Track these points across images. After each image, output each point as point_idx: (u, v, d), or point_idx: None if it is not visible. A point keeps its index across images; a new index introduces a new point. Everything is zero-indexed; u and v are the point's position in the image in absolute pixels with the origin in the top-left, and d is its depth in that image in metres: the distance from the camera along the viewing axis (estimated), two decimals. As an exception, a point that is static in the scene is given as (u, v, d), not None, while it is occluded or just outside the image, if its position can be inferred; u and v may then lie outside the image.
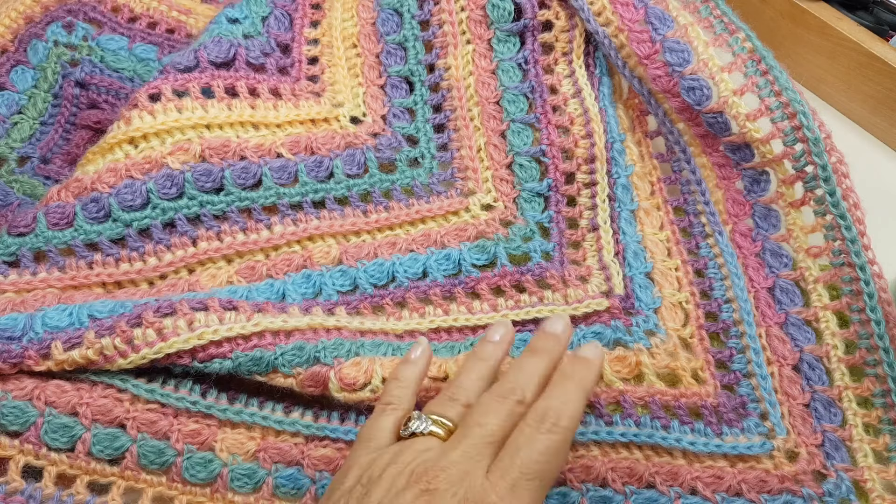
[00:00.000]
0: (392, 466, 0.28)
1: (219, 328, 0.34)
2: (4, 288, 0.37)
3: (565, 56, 0.43)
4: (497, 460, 0.28)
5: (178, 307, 0.34)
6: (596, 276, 0.40)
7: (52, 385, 0.33)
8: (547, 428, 0.29)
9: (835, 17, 0.47)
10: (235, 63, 0.43)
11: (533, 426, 0.29)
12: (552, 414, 0.29)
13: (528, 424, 0.29)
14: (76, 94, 0.48)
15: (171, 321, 0.34)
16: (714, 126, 0.39)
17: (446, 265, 0.39)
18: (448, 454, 0.28)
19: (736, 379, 0.37)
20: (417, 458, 0.28)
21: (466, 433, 0.29)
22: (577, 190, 0.42)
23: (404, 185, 0.42)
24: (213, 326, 0.34)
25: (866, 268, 0.36)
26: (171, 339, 0.33)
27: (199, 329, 0.34)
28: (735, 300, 0.38)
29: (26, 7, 0.48)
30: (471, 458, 0.28)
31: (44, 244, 0.38)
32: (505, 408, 0.30)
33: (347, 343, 0.35)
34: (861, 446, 0.35)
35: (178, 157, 0.39)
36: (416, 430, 0.30)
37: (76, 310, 0.34)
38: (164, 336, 0.34)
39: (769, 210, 0.39)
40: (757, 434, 0.35)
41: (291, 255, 0.39)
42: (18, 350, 0.32)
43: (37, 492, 0.32)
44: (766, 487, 0.34)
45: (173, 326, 0.34)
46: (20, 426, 0.32)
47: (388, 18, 0.46)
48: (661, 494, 0.33)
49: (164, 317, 0.34)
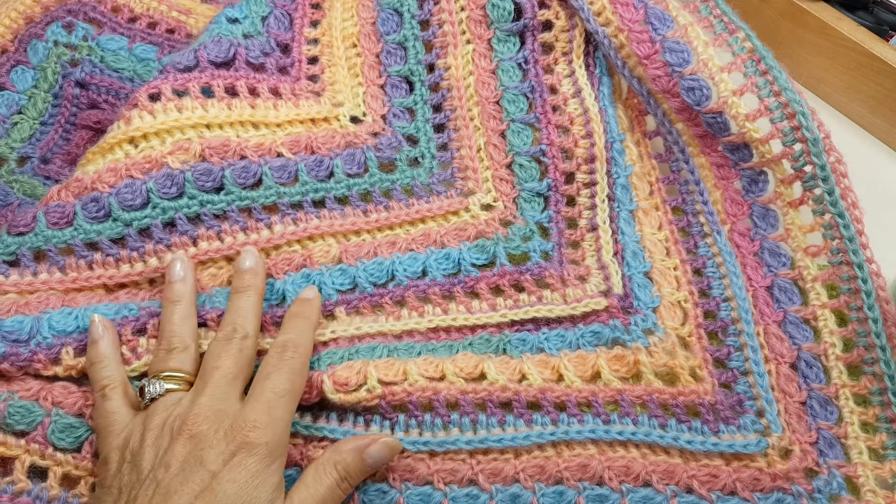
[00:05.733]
0: (149, 433, 0.30)
1: None
2: (6, 289, 0.37)
3: (565, 56, 0.43)
4: (251, 389, 0.32)
5: None
6: (595, 276, 0.40)
7: (58, 386, 0.33)
8: (289, 356, 0.33)
9: (835, 17, 0.47)
10: (235, 63, 0.43)
11: (276, 356, 0.33)
12: (291, 344, 0.33)
13: (272, 356, 0.33)
14: (76, 94, 0.48)
15: None
16: (713, 126, 0.39)
17: (446, 264, 0.40)
18: (197, 401, 0.31)
19: (733, 377, 0.37)
20: (171, 414, 0.31)
21: (207, 378, 0.32)
22: (576, 190, 0.42)
23: (404, 185, 0.42)
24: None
25: (864, 266, 0.36)
26: None
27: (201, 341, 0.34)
28: (733, 299, 0.38)
29: (26, 7, 0.48)
30: (218, 397, 0.31)
31: (43, 243, 0.38)
32: (233, 347, 0.33)
33: (341, 351, 0.36)
34: (856, 444, 0.35)
35: (178, 157, 0.39)
36: (154, 394, 0.32)
37: (81, 313, 0.34)
38: None
39: (767, 210, 0.39)
40: (753, 431, 0.35)
41: (291, 254, 0.39)
42: (27, 354, 0.33)
43: (43, 492, 0.32)
44: (759, 486, 0.34)
45: None
46: (27, 426, 0.32)
47: (388, 18, 0.46)
48: (658, 493, 0.33)
49: None
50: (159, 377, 0.32)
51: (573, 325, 0.38)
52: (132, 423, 0.31)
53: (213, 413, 0.30)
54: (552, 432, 0.34)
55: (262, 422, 0.30)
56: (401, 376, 0.34)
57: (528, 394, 0.35)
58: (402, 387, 0.34)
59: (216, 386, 0.32)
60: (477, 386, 0.35)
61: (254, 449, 0.29)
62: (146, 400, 0.32)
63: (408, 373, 0.35)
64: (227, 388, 0.32)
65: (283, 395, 0.32)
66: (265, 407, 0.31)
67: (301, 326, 0.35)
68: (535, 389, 0.35)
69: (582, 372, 0.36)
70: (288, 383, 0.32)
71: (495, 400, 0.35)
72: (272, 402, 0.31)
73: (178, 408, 0.31)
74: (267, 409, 0.31)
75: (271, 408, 0.31)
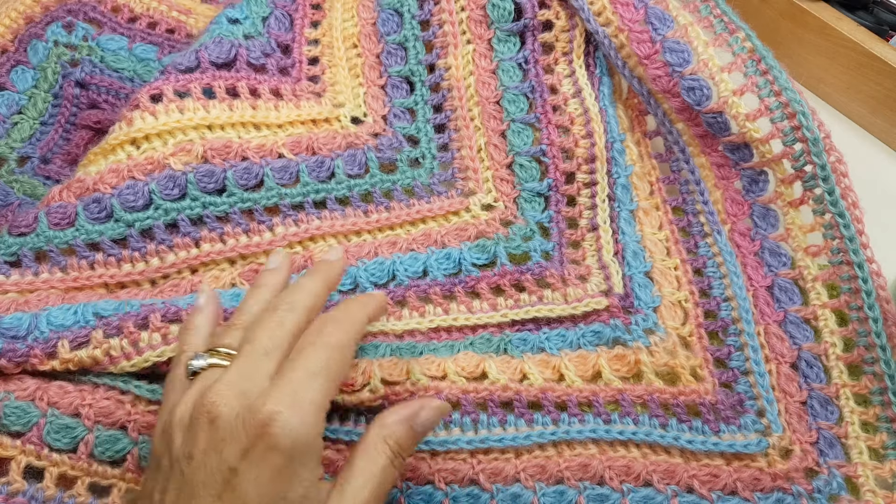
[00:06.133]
0: (179, 406, 0.28)
1: None
2: (7, 288, 0.37)
3: (565, 56, 0.43)
4: (285, 362, 0.28)
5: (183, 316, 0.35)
6: (595, 276, 0.40)
7: (54, 386, 0.33)
8: (329, 330, 0.29)
9: (835, 17, 0.47)
10: (236, 63, 0.43)
11: (315, 331, 0.29)
12: (332, 319, 0.30)
13: (310, 330, 0.29)
14: (76, 94, 0.48)
15: (176, 328, 0.34)
16: (713, 126, 0.39)
17: (446, 264, 0.40)
18: (223, 377, 0.28)
19: (734, 376, 0.37)
20: (200, 391, 0.28)
21: (240, 352, 0.29)
22: (577, 190, 0.42)
23: (405, 186, 0.43)
24: None
25: (864, 266, 0.36)
26: (174, 344, 0.34)
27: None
28: (734, 298, 0.38)
29: (26, 7, 0.48)
30: (245, 374, 0.28)
31: (45, 244, 0.38)
32: (273, 319, 0.29)
33: None
34: (857, 443, 0.35)
35: (180, 158, 0.39)
36: (197, 367, 0.29)
37: (81, 308, 0.34)
38: (168, 341, 0.34)
39: (768, 209, 0.39)
40: (753, 431, 0.35)
41: (293, 256, 0.39)
42: (23, 349, 0.33)
43: (39, 493, 0.32)
44: (760, 486, 0.34)
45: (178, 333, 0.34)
46: (22, 426, 0.32)
47: (389, 18, 0.46)
48: (658, 492, 0.33)
49: (170, 322, 0.34)
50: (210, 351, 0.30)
51: (574, 325, 0.39)
52: (175, 396, 0.29)
53: (235, 394, 0.27)
54: (553, 432, 0.34)
55: (285, 406, 0.26)
56: (403, 375, 0.35)
57: (529, 393, 0.35)
58: (405, 386, 0.34)
59: (246, 360, 0.28)
60: (478, 385, 0.35)
61: (274, 441, 0.26)
62: (191, 370, 0.29)
63: (410, 372, 0.35)
64: (258, 363, 0.28)
65: (316, 375, 0.27)
66: (291, 389, 0.27)
67: (352, 308, 0.32)
68: (536, 389, 0.36)
69: (583, 371, 0.36)
70: (322, 361, 0.28)
71: (496, 399, 0.35)
72: (301, 382, 0.27)
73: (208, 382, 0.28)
74: (293, 392, 0.27)
75: (298, 390, 0.27)
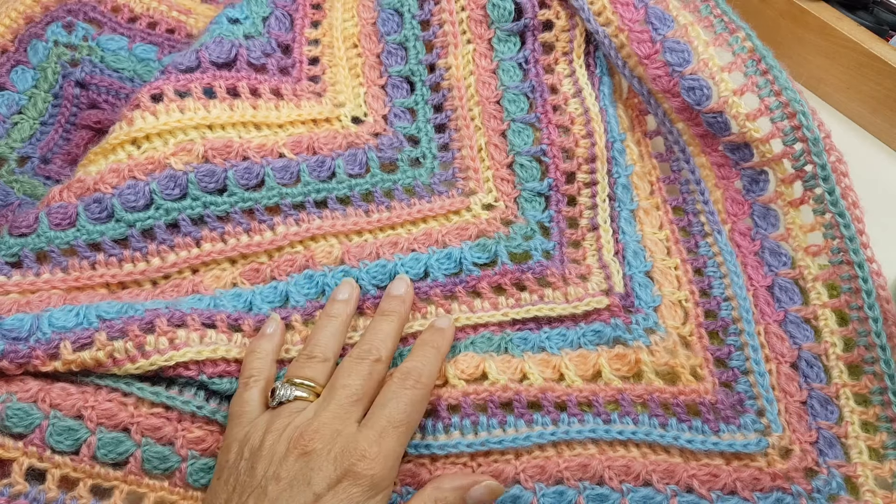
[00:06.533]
0: (269, 435, 0.31)
1: (230, 347, 0.35)
2: (9, 289, 0.37)
3: (566, 56, 0.43)
4: (368, 414, 0.32)
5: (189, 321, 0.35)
6: (596, 275, 0.40)
7: (56, 387, 0.33)
8: (410, 384, 0.33)
9: (835, 17, 0.47)
10: (237, 63, 0.43)
11: (398, 383, 0.33)
12: (415, 373, 0.33)
13: (395, 382, 0.33)
14: (76, 94, 0.48)
15: (184, 333, 0.34)
16: (714, 126, 0.39)
17: (447, 264, 0.40)
18: (319, 416, 0.31)
19: (734, 376, 0.37)
20: (291, 423, 0.31)
21: (333, 395, 0.32)
22: (577, 189, 0.42)
23: (406, 185, 0.43)
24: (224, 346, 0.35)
25: (864, 266, 0.36)
26: (183, 349, 0.34)
27: (213, 345, 0.35)
28: (734, 298, 0.38)
29: (26, 7, 0.48)
30: (339, 417, 0.31)
31: (46, 244, 0.38)
32: (364, 368, 0.33)
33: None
34: (856, 443, 0.35)
35: (181, 158, 0.39)
36: (283, 398, 0.33)
37: (83, 310, 0.34)
38: (175, 346, 0.34)
39: (768, 209, 0.40)
40: (753, 431, 0.35)
41: (294, 255, 0.40)
42: (26, 350, 0.33)
43: (41, 494, 0.32)
44: (759, 485, 0.34)
45: (186, 338, 0.34)
46: (25, 428, 0.32)
47: (389, 18, 0.46)
48: (658, 492, 0.33)
49: (176, 327, 0.34)
50: (293, 382, 0.33)
51: (575, 324, 0.39)
52: (258, 420, 0.32)
53: (330, 432, 0.30)
54: (553, 432, 0.35)
55: (372, 452, 0.30)
56: None
57: (528, 393, 0.35)
58: None
59: (339, 404, 0.32)
60: (478, 387, 0.35)
61: (359, 479, 0.29)
62: (275, 402, 0.33)
63: None
64: (350, 408, 0.32)
65: (398, 426, 0.31)
66: (377, 436, 0.31)
67: (429, 356, 0.35)
68: (536, 389, 0.36)
69: (583, 371, 0.36)
70: (404, 414, 0.32)
71: (496, 400, 0.35)
72: (386, 431, 0.31)
73: (299, 417, 0.31)
74: (378, 439, 0.31)
75: (383, 438, 0.31)
